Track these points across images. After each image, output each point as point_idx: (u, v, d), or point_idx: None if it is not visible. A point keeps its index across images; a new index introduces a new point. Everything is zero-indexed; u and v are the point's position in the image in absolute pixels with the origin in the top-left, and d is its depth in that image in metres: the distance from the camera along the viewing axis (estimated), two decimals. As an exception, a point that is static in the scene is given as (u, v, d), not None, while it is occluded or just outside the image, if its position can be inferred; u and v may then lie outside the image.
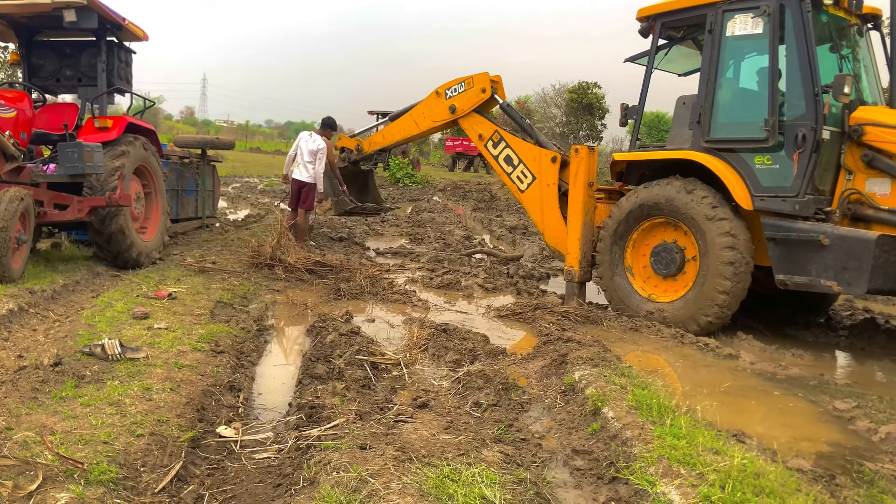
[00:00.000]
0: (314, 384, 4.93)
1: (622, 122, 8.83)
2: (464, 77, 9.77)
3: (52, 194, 7.78)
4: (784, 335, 7.90)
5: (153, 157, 9.47)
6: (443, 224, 17.13)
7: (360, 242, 13.29)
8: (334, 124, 11.74)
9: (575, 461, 4.10)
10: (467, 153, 46.04)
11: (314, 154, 11.02)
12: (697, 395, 5.35)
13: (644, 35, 8.46)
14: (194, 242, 11.38)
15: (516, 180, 9.22)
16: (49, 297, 6.69)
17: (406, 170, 31.05)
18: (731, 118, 7.68)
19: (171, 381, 4.55)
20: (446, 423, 4.26)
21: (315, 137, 11.19)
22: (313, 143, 11.07)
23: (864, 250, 6.57)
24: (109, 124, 8.65)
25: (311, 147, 11.04)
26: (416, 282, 9.86)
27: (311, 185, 11.12)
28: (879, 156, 6.96)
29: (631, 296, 8.06)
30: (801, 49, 7.04)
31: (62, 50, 9.39)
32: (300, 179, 11.12)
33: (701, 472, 3.51)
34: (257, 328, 6.75)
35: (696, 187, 7.52)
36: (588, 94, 47.29)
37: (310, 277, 9.32)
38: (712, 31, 7.63)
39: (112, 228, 8.24)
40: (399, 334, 6.91)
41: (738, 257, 7.18)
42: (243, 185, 26.37)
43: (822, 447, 4.61)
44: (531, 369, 5.91)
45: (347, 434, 3.88)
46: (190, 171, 12.59)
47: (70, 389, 4.20)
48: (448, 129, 46.83)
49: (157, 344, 5.40)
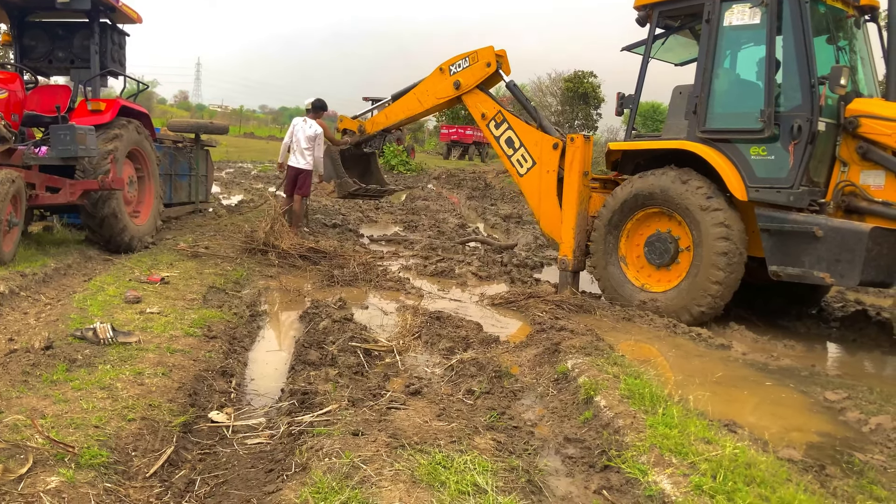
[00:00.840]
0: (307, 370, 4.92)
1: (618, 111, 8.81)
2: (468, 52, 9.58)
3: (44, 177, 7.72)
4: (776, 326, 7.92)
5: (146, 140, 9.41)
6: (437, 212, 17.10)
7: (353, 229, 13.26)
8: (325, 105, 11.58)
9: (567, 449, 4.10)
10: (462, 141, 46.04)
11: (312, 140, 10.94)
12: (690, 384, 5.37)
13: (641, 24, 8.43)
14: (187, 227, 11.33)
15: (516, 164, 9.15)
16: (40, 280, 6.65)
17: (401, 157, 30.99)
18: (728, 108, 7.67)
19: (162, 366, 4.54)
20: (439, 410, 4.26)
21: (310, 122, 11.09)
22: (310, 129, 10.98)
23: (857, 242, 6.59)
24: (102, 107, 8.57)
25: (308, 133, 10.95)
26: (409, 269, 9.85)
27: (307, 172, 11.06)
28: (874, 148, 6.97)
29: (624, 285, 8.06)
30: (799, 40, 7.02)
31: (54, 31, 9.30)
32: (297, 167, 11.02)
33: (692, 461, 3.52)
34: (250, 314, 6.73)
35: (690, 177, 7.52)
36: (584, 83, 47.25)
37: (303, 263, 9.29)
38: (710, 21, 7.60)
39: (104, 212, 8.20)
40: (392, 321, 6.90)
41: (732, 248, 7.19)
42: (237, 171, 26.25)
43: (812, 437, 4.63)
44: (524, 357, 5.92)
45: (340, 420, 3.88)
46: (183, 156, 12.52)
47: (61, 373, 4.18)
48: (444, 114, 46.73)
49: (149, 328, 5.38)
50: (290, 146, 11.15)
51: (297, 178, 11.06)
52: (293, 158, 11.04)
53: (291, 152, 11.09)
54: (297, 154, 11.00)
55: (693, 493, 3.23)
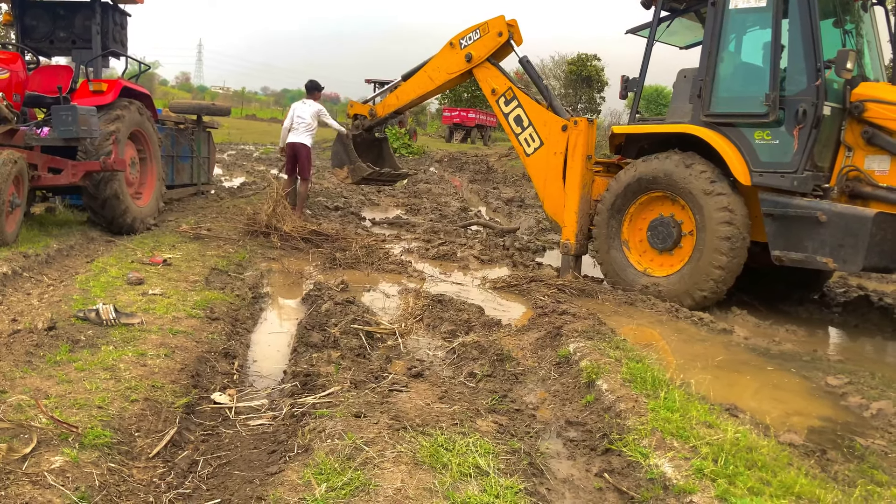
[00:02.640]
0: (309, 352, 4.93)
1: (622, 94, 8.75)
2: (478, 24, 9.42)
3: (46, 158, 7.71)
4: (778, 311, 7.92)
5: (148, 122, 9.38)
6: (439, 195, 17.09)
7: (356, 212, 13.25)
8: (318, 85, 11.61)
9: (568, 432, 4.11)
10: (465, 124, 45.91)
11: (315, 116, 10.97)
12: (691, 368, 5.37)
13: (646, 7, 8.36)
14: (189, 209, 11.32)
15: (524, 143, 9.05)
16: (43, 261, 6.66)
17: (403, 140, 30.90)
18: (732, 92, 7.62)
19: (165, 347, 4.55)
20: (441, 392, 4.26)
21: (309, 102, 11.15)
22: (309, 107, 11.02)
23: (861, 227, 6.57)
24: (104, 88, 8.54)
25: (310, 111, 10.98)
26: (411, 252, 9.85)
27: (309, 150, 11.06)
28: (880, 133, 6.93)
29: (627, 269, 8.06)
30: (805, 23, 6.96)
31: (56, 11, 9.25)
32: (299, 142, 10.98)
33: (694, 445, 3.53)
34: (252, 296, 6.74)
35: (694, 161, 7.49)
36: (587, 66, 47.09)
37: (305, 246, 9.29)
38: (715, 4, 7.54)
39: (107, 193, 8.19)
40: (394, 304, 6.90)
41: (735, 232, 7.18)
42: (239, 153, 26.22)
43: (814, 422, 4.64)
44: (526, 341, 5.92)
45: (342, 402, 3.88)
46: (185, 138, 12.49)
47: (64, 354, 4.19)
48: (447, 97, 46.46)
49: (151, 310, 5.38)
50: (289, 128, 11.13)
51: (297, 156, 11.04)
52: (293, 135, 11.02)
53: (292, 131, 11.06)
54: (300, 132, 11.00)
55: (694, 477, 3.23)
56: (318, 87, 11.56)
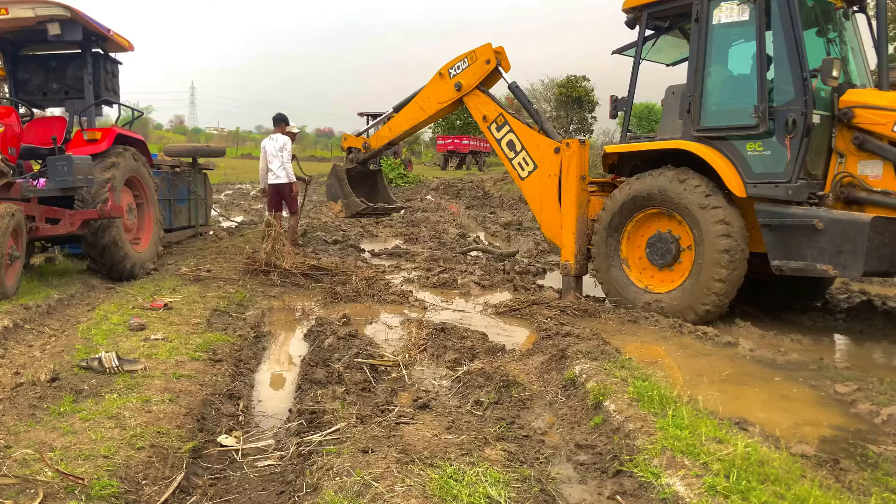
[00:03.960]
0: (314, 389, 4.91)
1: (612, 114, 8.80)
2: (465, 53, 9.50)
3: (44, 209, 7.74)
4: (782, 320, 7.90)
5: (144, 167, 9.44)
6: (437, 223, 17.12)
7: (354, 245, 13.27)
8: (284, 118, 11.90)
9: (578, 456, 4.08)
10: (459, 151, 46.18)
11: (281, 149, 11.22)
12: (698, 384, 5.35)
13: (631, 26, 8.44)
14: (188, 251, 11.34)
15: (517, 167, 9.08)
16: (44, 311, 6.66)
17: (398, 170, 31.06)
18: (721, 106, 7.67)
19: (169, 392, 4.53)
20: (448, 422, 4.24)
21: (275, 137, 11.48)
22: (275, 142, 11.37)
23: (858, 233, 6.57)
24: (98, 136, 8.61)
25: (276, 146, 11.30)
26: (412, 282, 9.85)
27: (289, 185, 11.29)
28: (870, 138, 6.96)
29: (628, 287, 8.05)
30: (788, 34, 7.03)
31: (48, 63, 9.35)
32: (279, 183, 11.30)
33: (705, 461, 3.50)
34: (255, 335, 6.73)
35: (688, 176, 7.51)
36: (577, 87, 47.49)
37: (305, 282, 9.29)
38: (699, 20, 7.62)
39: (105, 240, 8.21)
40: (397, 335, 6.89)
41: (734, 245, 7.18)
42: (236, 192, 26.31)
43: (824, 431, 4.61)
44: (531, 365, 5.90)
45: (349, 438, 3.86)
46: (181, 180, 12.56)
47: (68, 404, 4.17)
48: (440, 125, 46.78)
49: (154, 355, 5.37)
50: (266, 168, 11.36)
51: (279, 194, 11.24)
52: (271, 176, 11.30)
53: (269, 172, 11.30)
54: (274, 171, 11.29)
55: (707, 495, 3.20)
56: (284, 120, 11.81)
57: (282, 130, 11.68)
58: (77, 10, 8.00)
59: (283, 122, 11.79)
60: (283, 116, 11.82)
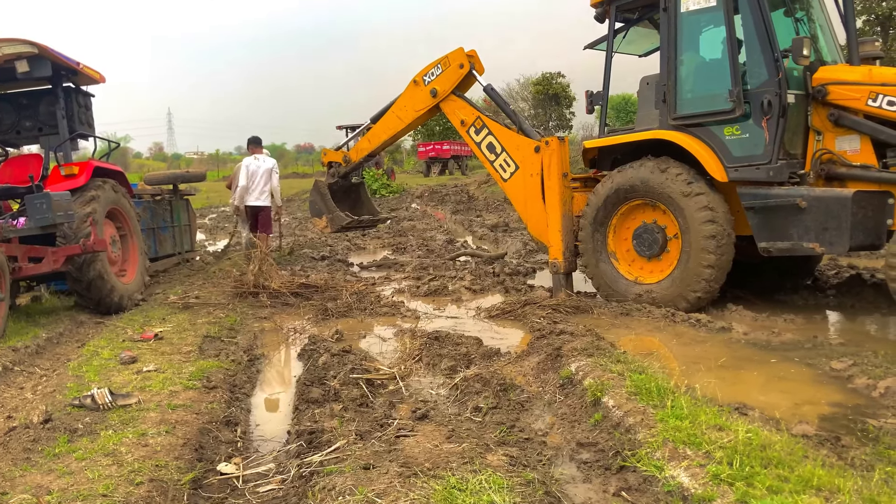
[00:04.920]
0: (311, 409, 4.87)
1: (588, 109, 8.82)
2: (438, 59, 9.48)
3: (26, 248, 7.67)
4: (774, 301, 7.93)
5: (124, 198, 9.36)
6: (424, 230, 17.10)
7: (343, 259, 13.23)
8: (259, 139, 11.90)
9: (581, 454, 4.07)
10: (441, 157, 46.19)
11: (269, 172, 11.21)
12: (695, 372, 5.35)
13: (600, 20, 8.46)
14: (176, 279, 11.26)
15: (499, 169, 9.06)
16: (33, 352, 6.59)
17: (381, 180, 30.99)
18: (696, 93, 7.70)
19: (165, 424, 4.48)
20: (448, 431, 4.22)
21: (262, 157, 11.44)
22: (265, 163, 11.29)
23: (842, 208, 6.62)
24: (76, 171, 8.54)
25: (266, 167, 11.30)
26: (403, 292, 9.81)
27: (269, 210, 11.30)
28: (845, 113, 7.01)
29: (618, 281, 8.05)
30: (757, 16, 7.08)
31: (19, 101, 9.27)
32: (259, 205, 11.29)
33: (707, 450, 3.49)
34: (248, 359, 6.67)
35: (669, 165, 7.53)
36: (553, 84, 47.62)
37: (296, 300, 9.25)
38: (667, 9, 7.65)
39: (91, 275, 8.14)
40: (392, 347, 6.86)
41: (719, 230, 7.20)
42: (220, 215, 26.19)
43: (824, 409, 4.61)
44: (527, 366, 5.88)
45: (349, 456, 3.83)
46: (163, 208, 12.47)
47: (63, 445, 4.12)
48: (420, 132, 46.82)
49: (147, 387, 5.32)
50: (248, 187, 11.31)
51: (258, 216, 11.24)
52: (252, 196, 11.25)
53: (250, 191, 11.25)
54: (257, 192, 11.22)
55: (712, 483, 3.19)
56: (258, 142, 11.89)
57: (259, 152, 11.65)
58: (44, 46, 7.93)
59: (259, 144, 11.80)
60: (256, 139, 11.81)
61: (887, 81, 6.85)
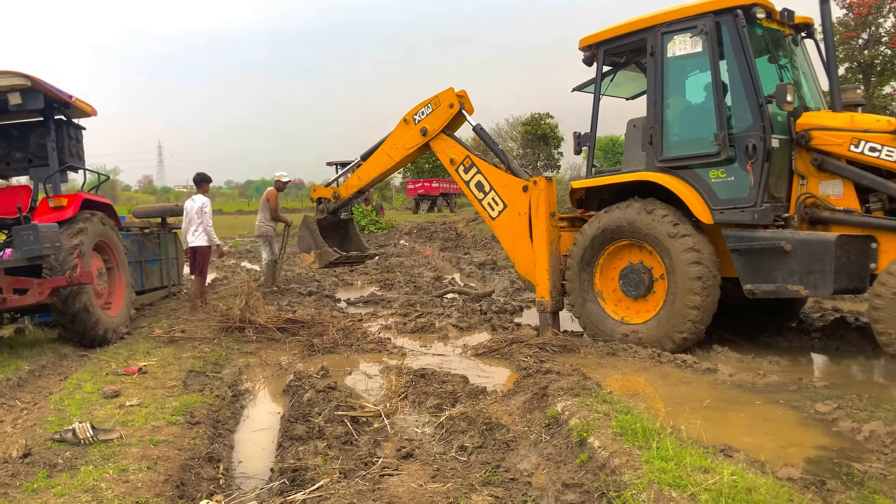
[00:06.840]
0: (295, 446, 4.83)
1: (576, 150, 8.92)
2: (429, 98, 9.60)
3: (11, 279, 7.61)
4: (759, 343, 7.96)
5: (112, 231, 9.34)
6: (412, 267, 17.11)
7: (330, 294, 13.20)
8: (206, 177, 11.67)
9: (566, 495, 4.04)
10: (429, 194, 46.43)
11: (200, 212, 10.93)
12: (680, 413, 5.35)
13: (588, 63, 8.61)
14: (162, 312, 11.20)
15: (487, 207, 9.14)
16: (15, 385, 6.51)
17: (370, 217, 31.07)
18: (682, 136, 7.82)
19: (147, 460, 4.43)
20: (433, 471, 4.19)
21: (195, 197, 11.16)
22: (195, 203, 11.01)
23: (825, 252, 6.70)
24: (64, 203, 8.52)
25: (195, 207, 10.98)
26: (389, 328, 9.79)
27: (206, 249, 11.04)
28: (828, 158, 7.14)
29: (604, 320, 8.08)
30: (741, 63, 7.22)
31: (10, 133, 9.28)
32: (195, 245, 10.98)
33: (692, 492, 3.48)
34: (232, 394, 6.62)
35: (655, 207, 7.62)
36: (541, 124, 48.11)
37: (282, 336, 9.20)
38: (654, 54, 7.80)
39: (76, 308, 8.08)
40: (377, 384, 6.82)
41: (705, 271, 7.26)
42: (208, 249, 26.10)
43: (809, 452, 4.62)
44: (513, 405, 5.86)
45: (333, 494, 3.80)
46: (151, 241, 12.45)
47: (42, 480, 4.07)
48: (409, 169, 47.09)
49: (130, 422, 5.26)
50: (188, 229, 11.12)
51: (195, 256, 11.02)
52: (189, 237, 11.02)
53: (189, 232, 11.06)
54: (191, 231, 10.99)
55: (697, 526, 3.18)
56: (206, 179, 11.60)
57: (204, 191, 11.48)
58: (38, 79, 7.98)
59: (206, 181, 11.63)
60: (204, 176, 11.67)
61: (869, 128, 6.99)
